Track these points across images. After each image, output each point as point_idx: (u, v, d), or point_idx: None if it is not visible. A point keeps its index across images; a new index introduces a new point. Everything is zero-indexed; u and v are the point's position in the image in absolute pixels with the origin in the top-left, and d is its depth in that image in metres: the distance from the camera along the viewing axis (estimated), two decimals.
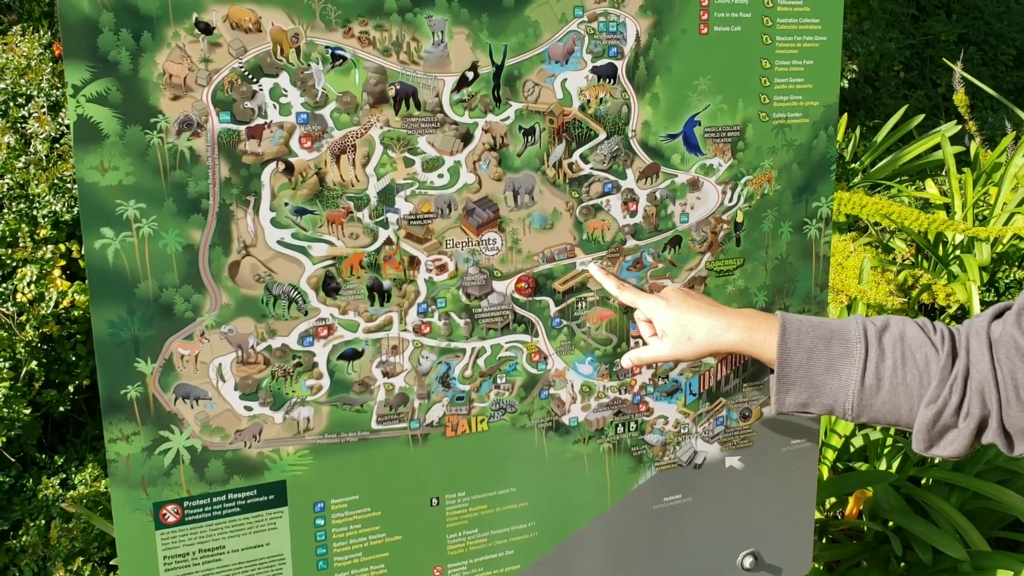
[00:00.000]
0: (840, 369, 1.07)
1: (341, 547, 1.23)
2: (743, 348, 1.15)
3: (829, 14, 1.36)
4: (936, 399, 1.01)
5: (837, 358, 1.07)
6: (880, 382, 1.05)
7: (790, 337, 1.10)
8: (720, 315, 1.18)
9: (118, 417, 1.09)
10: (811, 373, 1.08)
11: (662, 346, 1.22)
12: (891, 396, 1.05)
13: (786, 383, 1.10)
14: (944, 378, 1.01)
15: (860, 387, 1.05)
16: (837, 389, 1.07)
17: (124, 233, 1.05)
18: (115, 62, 1.02)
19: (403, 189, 1.17)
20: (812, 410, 1.10)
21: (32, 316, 2.45)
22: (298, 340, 1.15)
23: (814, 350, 1.09)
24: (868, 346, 1.06)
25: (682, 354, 1.19)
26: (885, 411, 1.05)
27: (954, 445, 1.03)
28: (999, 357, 0.98)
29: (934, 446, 1.04)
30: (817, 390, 1.09)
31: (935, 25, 6.00)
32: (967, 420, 1.00)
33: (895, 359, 1.05)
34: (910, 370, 1.04)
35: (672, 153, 1.30)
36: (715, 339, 1.16)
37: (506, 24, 1.17)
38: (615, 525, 1.38)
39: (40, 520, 2.37)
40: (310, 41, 1.09)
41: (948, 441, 1.03)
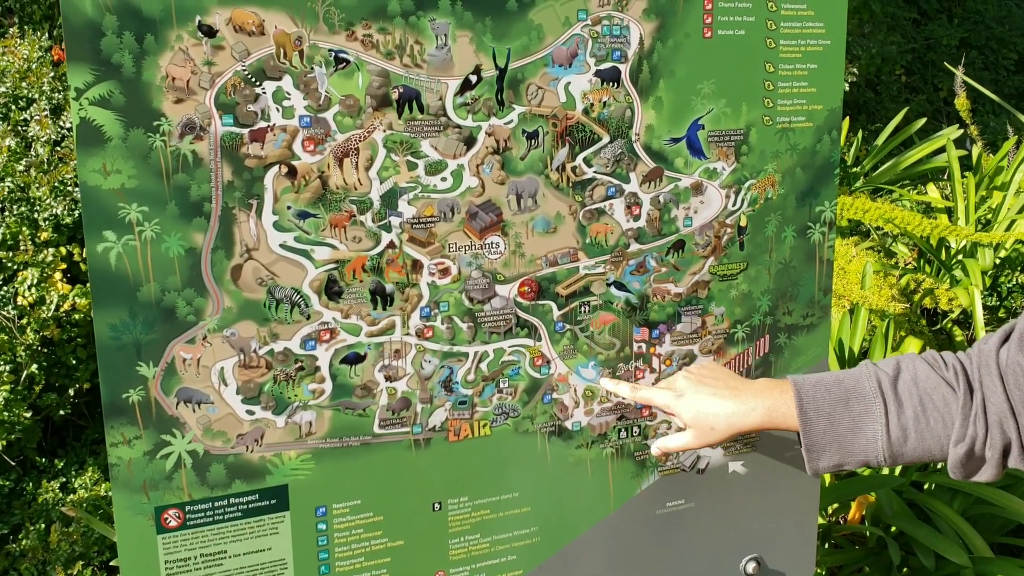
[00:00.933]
0: (864, 428, 1.08)
1: (343, 552, 1.22)
2: (767, 426, 1.16)
3: (833, 18, 1.35)
4: (963, 438, 1.03)
5: (859, 418, 1.09)
6: (906, 432, 1.07)
7: (808, 407, 1.11)
8: (736, 399, 1.18)
9: (120, 421, 1.09)
10: (837, 437, 1.10)
11: (686, 437, 1.23)
12: (919, 443, 1.06)
13: (815, 451, 1.11)
14: (966, 416, 1.03)
15: (888, 441, 1.07)
16: (866, 446, 1.09)
17: (126, 236, 1.05)
18: (118, 65, 1.01)
19: (406, 193, 1.17)
20: (848, 467, 1.12)
21: (33, 319, 2.45)
22: (300, 344, 1.15)
23: (834, 415, 1.10)
24: (886, 400, 1.08)
25: (707, 443, 1.21)
26: (918, 455, 1.08)
27: (987, 473, 1.05)
28: (1009, 386, 1.00)
29: (970, 477, 1.07)
30: (846, 451, 1.10)
31: (936, 29, 6.00)
32: (992, 451, 1.02)
33: (915, 408, 1.07)
34: (931, 415, 1.06)
35: (676, 157, 1.30)
36: (736, 425, 1.17)
37: (509, 27, 1.17)
38: (617, 530, 1.37)
39: (40, 524, 2.37)
40: (313, 44, 1.09)
41: (982, 472, 1.06)
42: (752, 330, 1.40)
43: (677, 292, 1.34)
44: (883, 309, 2.54)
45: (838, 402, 1.10)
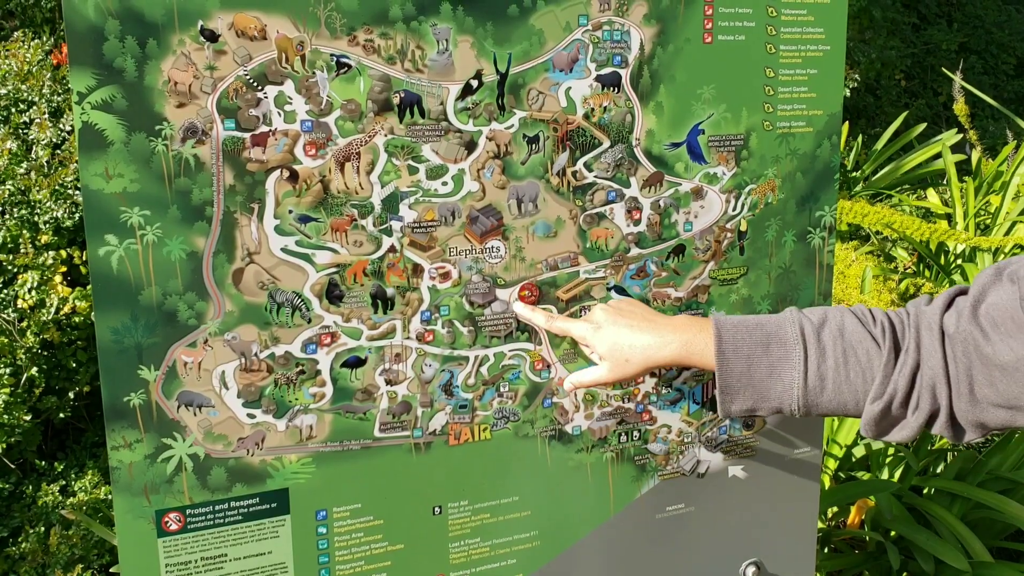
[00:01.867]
0: (782, 373, 1.07)
1: (343, 556, 1.22)
2: (683, 362, 1.14)
3: (833, 23, 1.36)
4: (881, 395, 1.01)
5: (777, 363, 1.07)
6: (823, 382, 1.05)
7: (727, 346, 1.09)
8: (654, 331, 1.15)
9: (121, 424, 1.09)
10: (753, 380, 1.08)
11: (600, 370, 1.20)
12: (836, 395, 1.05)
13: (729, 392, 1.10)
14: (888, 373, 1.01)
15: (804, 388, 1.05)
16: (781, 392, 1.07)
17: (128, 240, 1.05)
18: (120, 69, 1.02)
19: (407, 197, 1.17)
20: (760, 413, 1.11)
21: (33, 322, 2.45)
22: (301, 348, 1.15)
23: (753, 356, 1.08)
24: (807, 347, 1.06)
25: (622, 376, 1.18)
26: (832, 407, 1.06)
27: (902, 433, 1.03)
28: (955, 353, 0.97)
29: (882, 435, 1.05)
30: (761, 395, 1.08)
31: (936, 34, 6.01)
32: (916, 414, 1.00)
33: (836, 358, 1.04)
34: (852, 368, 1.04)
35: (676, 162, 1.30)
36: (652, 357, 1.15)
37: (511, 32, 1.18)
38: (618, 534, 1.37)
39: (40, 527, 2.37)
40: (315, 49, 1.09)
41: (896, 431, 1.04)
42: None
43: (677, 296, 1.34)
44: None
45: (758, 345, 1.08)
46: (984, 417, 0.96)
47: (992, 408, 0.95)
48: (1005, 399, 0.94)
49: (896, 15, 5.79)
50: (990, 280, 0.97)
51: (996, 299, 0.95)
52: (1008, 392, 0.93)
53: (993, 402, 0.95)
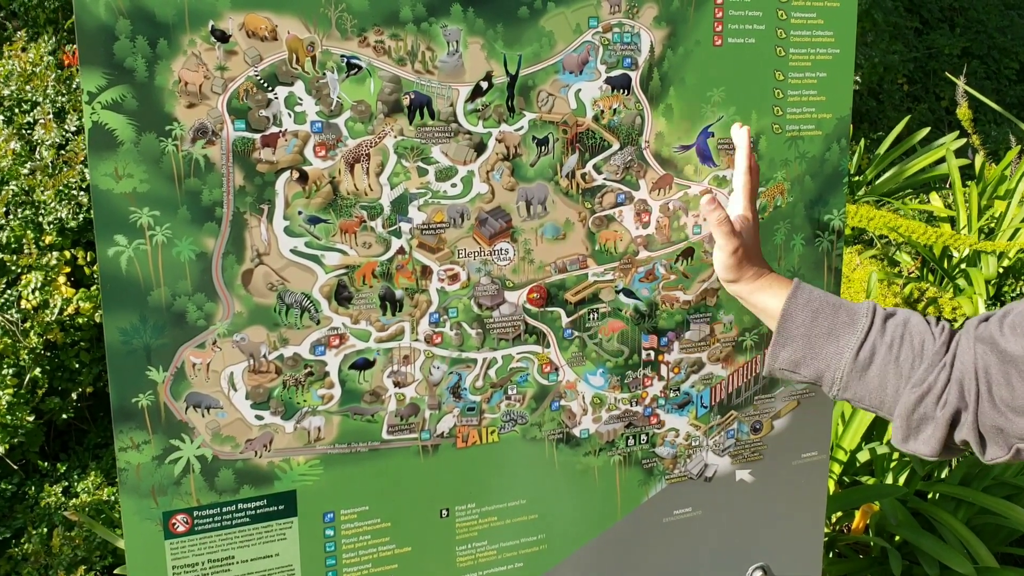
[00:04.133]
0: (840, 336, 1.07)
1: (351, 558, 1.22)
2: (755, 292, 1.15)
3: (842, 27, 1.35)
4: (922, 382, 1.01)
5: (841, 325, 1.07)
6: (874, 356, 1.04)
7: (801, 295, 1.10)
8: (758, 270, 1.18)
9: (129, 425, 1.09)
10: (812, 333, 1.08)
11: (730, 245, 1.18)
12: (881, 373, 1.04)
13: (784, 338, 1.09)
14: (934, 363, 1.01)
15: (854, 357, 1.05)
16: (832, 355, 1.07)
17: (137, 240, 1.05)
18: (131, 69, 1.01)
19: (416, 198, 1.17)
20: (802, 372, 1.09)
21: (36, 323, 2.44)
22: (310, 349, 1.15)
23: (820, 312, 1.09)
24: (873, 321, 1.06)
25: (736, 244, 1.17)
26: (871, 388, 1.05)
27: (931, 441, 1.01)
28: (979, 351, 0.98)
29: (910, 438, 1.03)
30: (813, 351, 1.08)
31: (938, 38, 6.02)
32: (944, 409, 0.99)
33: (894, 337, 1.05)
34: (905, 350, 1.03)
35: (685, 164, 1.30)
36: (753, 266, 1.17)
37: (521, 34, 1.17)
38: (625, 538, 1.37)
39: (42, 528, 2.36)
40: (326, 50, 1.09)
41: (925, 436, 1.02)
42: (761, 338, 1.40)
43: (686, 300, 1.34)
44: None
45: (828, 304, 1.09)
46: (1004, 424, 0.95)
47: (1011, 414, 0.94)
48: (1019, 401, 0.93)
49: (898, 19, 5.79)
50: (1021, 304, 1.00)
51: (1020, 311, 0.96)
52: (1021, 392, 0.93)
53: (1010, 405, 0.94)
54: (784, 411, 1.44)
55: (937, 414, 1.00)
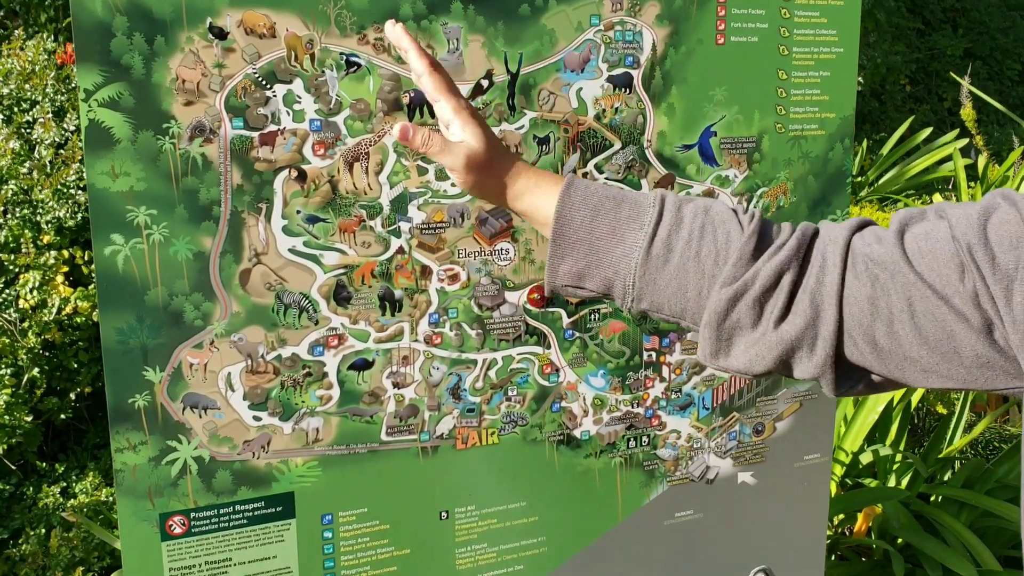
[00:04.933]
0: (625, 234, 0.87)
1: (349, 560, 1.21)
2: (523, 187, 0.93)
3: (846, 26, 1.34)
4: (733, 280, 0.81)
5: (624, 221, 0.88)
6: (670, 253, 0.85)
7: (575, 192, 0.90)
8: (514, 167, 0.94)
9: (125, 426, 1.07)
10: (592, 235, 0.89)
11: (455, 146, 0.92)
12: (679, 272, 0.85)
13: (563, 246, 0.89)
14: (744, 256, 0.82)
15: (645, 256, 0.86)
16: (619, 258, 0.87)
17: (134, 240, 1.04)
18: (128, 66, 1.00)
19: (416, 198, 1.16)
20: (588, 285, 0.89)
21: (34, 323, 2.43)
22: (308, 350, 1.14)
23: (600, 210, 0.89)
24: (664, 212, 0.87)
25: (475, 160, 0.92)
26: (670, 292, 0.86)
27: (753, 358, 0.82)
28: (859, 273, 0.78)
29: (721, 352, 0.84)
30: (596, 256, 0.88)
31: (941, 39, 6.01)
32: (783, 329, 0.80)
33: (691, 230, 0.86)
34: (707, 244, 0.84)
35: (687, 164, 1.29)
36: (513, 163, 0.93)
37: (522, 32, 1.16)
38: (626, 541, 1.36)
39: (40, 529, 2.35)
40: (324, 47, 1.08)
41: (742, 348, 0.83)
42: None
43: None
44: None
45: (609, 199, 0.89)
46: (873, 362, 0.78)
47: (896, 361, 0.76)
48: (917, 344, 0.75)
49: (901, 20, 5.78)
50: (916, 215, 0.80)
51: (922, 233, 0.77)
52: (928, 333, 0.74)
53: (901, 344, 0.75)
54: (786, 413, 1.43)
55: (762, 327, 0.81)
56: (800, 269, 0.81)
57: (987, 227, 0.73)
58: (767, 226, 0.85)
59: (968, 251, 0.73)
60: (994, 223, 0.73)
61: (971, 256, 0.73)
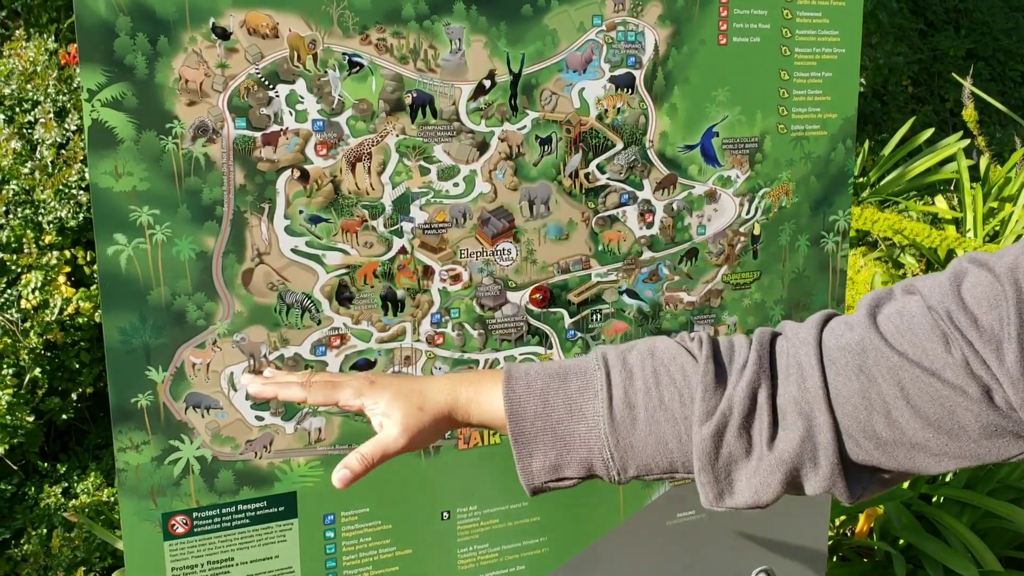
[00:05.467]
0: (583, 407, 0.81)
1: (351, 560, 1.21)
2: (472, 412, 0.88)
3: (848, 26, 1.34)
4: (708, 415, 0.76)
5: (577, 394, 0.82)
6: (634, 410, 0.80)
7: (517, 383, 0.83)
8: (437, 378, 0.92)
9: (128, 426, 1.08)
10: (551, 422, 0.82)
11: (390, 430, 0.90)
12: (651, 427, 0.79)
13: (526, 442, 0.82)
14: (708, 387, 0.77)
15: (610, 424, 0.80)
16: (586, 433, 0.81)
17: (137, 239, 1.04)
18: (131, 66, 1.00)
19: (418, 198, 1.16)
20: (568, 473, 0.83)
21: (36, 323, 2.43)
22: (311, 349, 1.14)
23: (548, 392, 0.83)
24: (610, 371, 0.82)
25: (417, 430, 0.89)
26: (651, 451, 0.80)
27: (758, 488, 0.77)
28: (841, 369, 0.74)
29: (725, 493, 0.78)
30: (564, 442, 0.82)
31: (943, 40, 6.00)
32: (779, 450, 0.75)
33: (646, 378, 0.80)
34: (666, 387, 0.79)
35: (689, 164, 1.29)
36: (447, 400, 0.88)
37: (524, 32, 1.16)
38: (627, 541, 1.36)
39: (42, 529, 2.35)
40: (327, 48, 1.08)
41: (745, 481, 0.77)
42: None
43: (690, 301, 1.33)
44: None
45: (554, 378, 0.83)
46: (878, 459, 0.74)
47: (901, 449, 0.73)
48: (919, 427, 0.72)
49: (903, 21, 5.78)
50: (884, 296, 0.77)
51: (895, 312, 0.74)
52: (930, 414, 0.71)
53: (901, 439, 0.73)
54: None
55: (766, 453, 0.76)
56: (772, 381, 0.77)
57: (961, 292, 0.71)
58: (718, 347, 0.81)
59: (948, 319, 0.70)
60: (967, 287, 0.71)
61: (953, 324, 0.70)
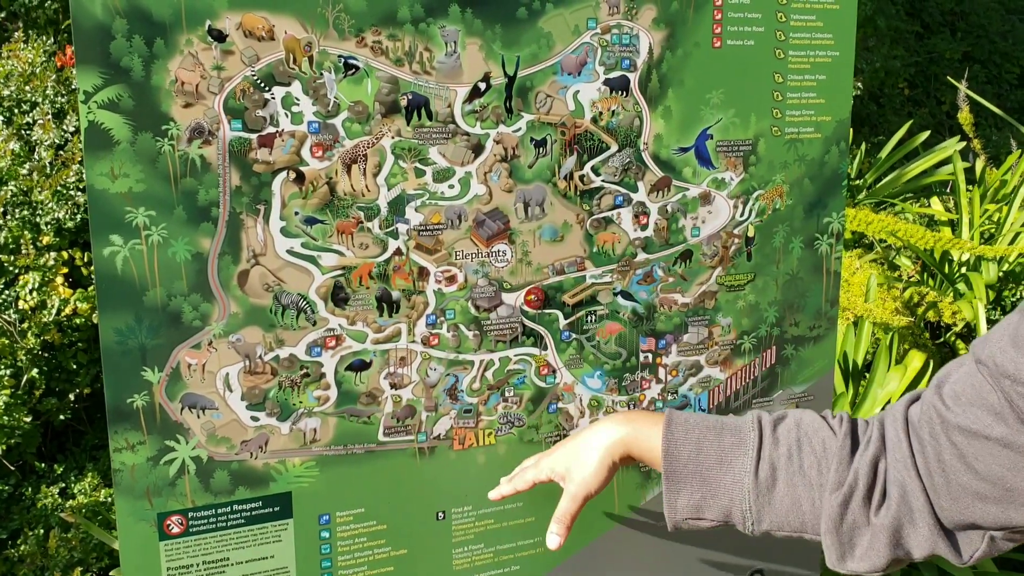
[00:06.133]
0: (732, 461, 0.96)
1: (346, 560, 1.21)
2: (634, 447, 1.05)
3: (842, 29, 1.35)
4: (840, 484, 0.88)
5: (729, 449, 0.96)
6: (775, 472, 0.93)
7: (677, 428, 1.00)
8: (599, 425, 1.09)
9: (124, 426, 1.08)
10: (702, 467, 0.97)
11: (570, 488, 1.11)
12: (789, 489, 0.92)
13: (676, 481, 0.98)
14: (844, 459, 0.89)
15: (754, 480, 0.94)
16: (731, 485, 0.95)
17: (133, 241, 1.04)
18: (127, 68, 1.01)
19: (413, 200, 1.16)
20: (707, 515, 0.97)
21: (34, 324, 2.44)
22: (306, 350, 1.14)
23: (703, 441, 0.98)
24: (762, 434, 0.96)
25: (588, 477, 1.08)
26: (785, 510, 0.93)
27: (870, 555, 0.87)
28: (922, 438, 0.84)
29: (847, 555, 0.89)
30: (710, 487, 0.96)
31: (939, 43, 6.02)
32: (882, 515, 0.86)
33: (790, 445, 0.94)
34: (807, 456, 0.92)
35: (684, 166, 1.29)
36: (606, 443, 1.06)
37: (519, 35, 1.17)
38: (622, 541, 1.36)
39: (39, 529, 2.36)
40: (323, 50, 1.09)
41: (864, 547, 0.87)
42: (759, 341, 1.39)
43: (684, 302, 1.34)
44: (887, 322, 2.53)
45: (710, 430, 0.99)
46: (972, 515, 0.81)
47: (977, 502, 0.80)
48: (985, 485, 0.79)
49: (900, 24, 5.80)
50: (954, 365, 0.86)
51: (959, 376, 0.83)
52: (987, 472, 0.78)
53: (974, 491, 0.80)
54: None
55: (873, 520, 0.86)
56: (878, 455, 0.87)
57: (1015, 338, 0.77)
58: (854, 425, 0.92)
59: (996, 369, 0.77)
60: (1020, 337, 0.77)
61: (1000, 373, 0.77)
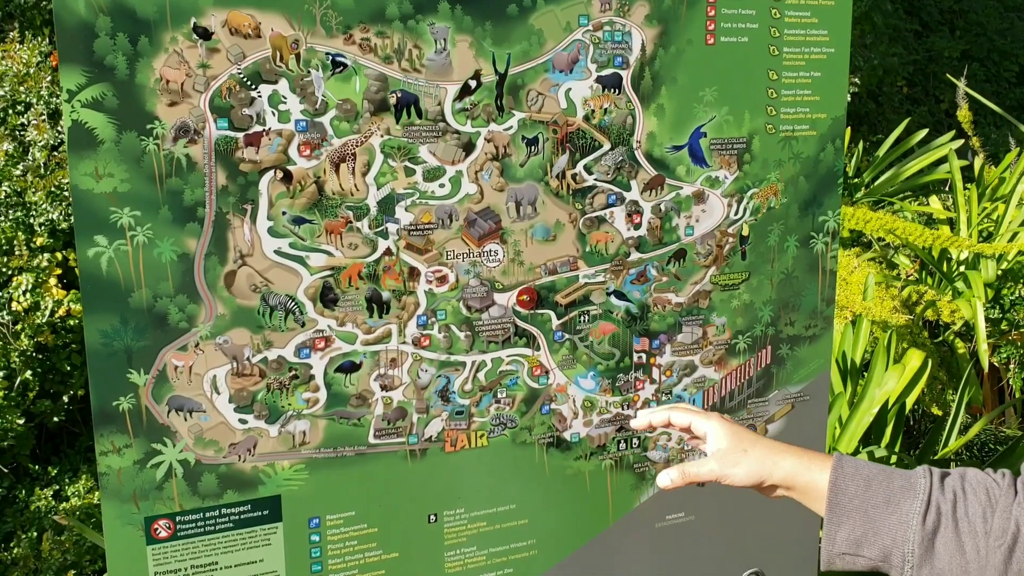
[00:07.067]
0: (900, 503, 0.95)
1: (337, 564, 1.20)
2: (793, 479, 1.03)
3: (837, 26, 1.34)
4: (1004, 532, 0.90)
5: (898, 491, 0.96)
6: (940, 519, 0.93)
7: (847, 466, 0.99)
8: (775, 444, 1.08)
9: (110, 429, 1.07)
10: (867, 504, 0.96)
11: (712, 464, 1.07)
12: (953, 536, 0.92)
13: (839, 514, 0.96)
14: (1006, 507, 0.91)
15: (921, 524, 0.93)
16: (896, 526, 0.94)
17: (118, 241, 1.03)
18: (111, 67, 1.00)
19: (403, 199, 1.15)
20: (865, 553, 0.96)
21: (27, 325, 2.43)
22: (295, 352, 1.13)
23: (872, 480, 0.97)
24: (932, 482, 0.96)
25: (734, 467, 1.05)
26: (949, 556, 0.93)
27: None
28: None
29: None
30: (873, 525, 0.95)
31: (938, 41, 6.00)
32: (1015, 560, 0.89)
33: (956, 493, 0.94)
34: (972, 504, 0.93)
35: (677, 165, 1.28)
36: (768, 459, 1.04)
37: (510, 32, 1.16)
38: (616, 543, 1.35)
39: (32, 532, 2.34)
40: (310, 47, 1.07)
41: None
42: (754, 341, 1.38)
43: (678, 302, 1.32)
44: (885, 321, 2.52)
45: (881, 471, 0.98)
46: None
47: None
48: None
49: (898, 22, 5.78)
50: None
51: None
52: None
53: None
54: (778, 415, 1.42)
55: None
56: None
57: None
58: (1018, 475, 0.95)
59: None
60: None
61: None
